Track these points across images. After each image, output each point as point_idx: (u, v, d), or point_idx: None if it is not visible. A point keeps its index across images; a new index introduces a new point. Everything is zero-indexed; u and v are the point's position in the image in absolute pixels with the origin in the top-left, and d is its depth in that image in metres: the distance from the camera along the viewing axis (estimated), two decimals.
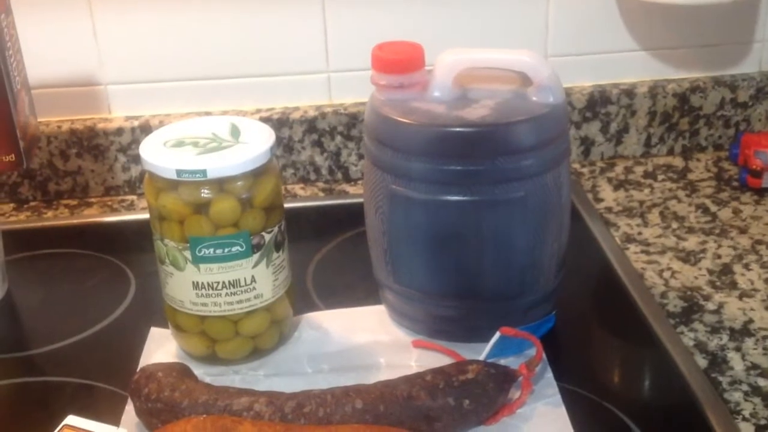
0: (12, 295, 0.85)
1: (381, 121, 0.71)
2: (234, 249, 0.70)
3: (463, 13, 1.01)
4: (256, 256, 0.71)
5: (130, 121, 1.01)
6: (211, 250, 0.69)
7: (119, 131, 1.01)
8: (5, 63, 0.75)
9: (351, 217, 0.94)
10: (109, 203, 1.02)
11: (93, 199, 1.03)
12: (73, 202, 1.02)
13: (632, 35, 1.03)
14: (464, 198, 0.70)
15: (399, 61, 0.72)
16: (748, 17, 1.04)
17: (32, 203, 1.03)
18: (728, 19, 1.03)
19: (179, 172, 0.67)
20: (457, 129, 0.68)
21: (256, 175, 0.70)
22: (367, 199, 0.76)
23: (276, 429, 0.60)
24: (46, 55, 0.97)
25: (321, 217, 0.98)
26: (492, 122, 0.68)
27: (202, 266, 0.70)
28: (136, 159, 1.02)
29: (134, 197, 1.03)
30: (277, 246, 0.73)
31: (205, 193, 0.68)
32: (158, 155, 0.69)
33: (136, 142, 1.01)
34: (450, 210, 0.70)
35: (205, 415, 0.62)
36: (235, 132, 0.72)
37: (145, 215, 0.96)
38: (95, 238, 0.94)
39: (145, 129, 1.01)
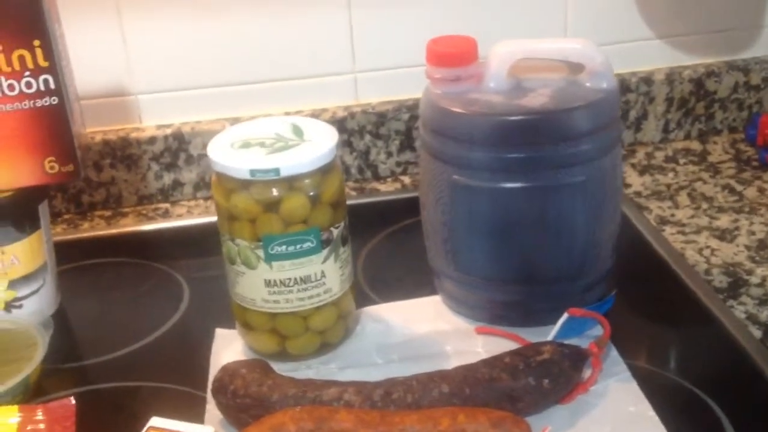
0: (66, 306, 0.85)
1: (441, 114, 0.73)
2: (305, 245, 0.71)
3: (482, 7, 1.03)
4: (325, 251, 0.72)
5: (162, 130, 1.02)
6: (284, 247, 0.71)
7: (152, 140, 1.02)
8: (62, 74, 0.76)
9: (388, 213, 0.97)
10: (144, 212, 1.03)
11: (127, 209, 1.03)
12: (107, 213, 1.03)
13: (648, 24, 1.07)
14: (527, 184, 0.72)
15: (455, 54, 0.74)
16: (757, 2, 1.07)
17: (66, 216, 1.03)
18: (738, 4, 1.07)
19: (253, 172, 0.68)
20: (521, 117, 0.70)
21: (324, 172, 0.71)
22: (425, 191, 0.78)
23: (372, 416, 0.62)
24: (76, 66, 0.96)
25: (358, 216, 0.98)
26: (553, 109, 0.71)
27: (274, 264, 0.71)
28: (169, 167, 1.03)
29: (167, 205, 1.04)
30: (344, 241, 0.74)
31: (276, 192, 0.70)
32: (229, 156, 0.70)
33: (168, 150, 1.02)
34: (513, 197, 0.72)
35: (300, 407, 0.63)
36: (298, 131, 0.73)
37: (186, 221, 0.99)
38: (140, 246, 0.95)
39: (177, 137, 1.02)
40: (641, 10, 1.06)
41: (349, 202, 1.02)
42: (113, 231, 0.98)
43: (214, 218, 0.99)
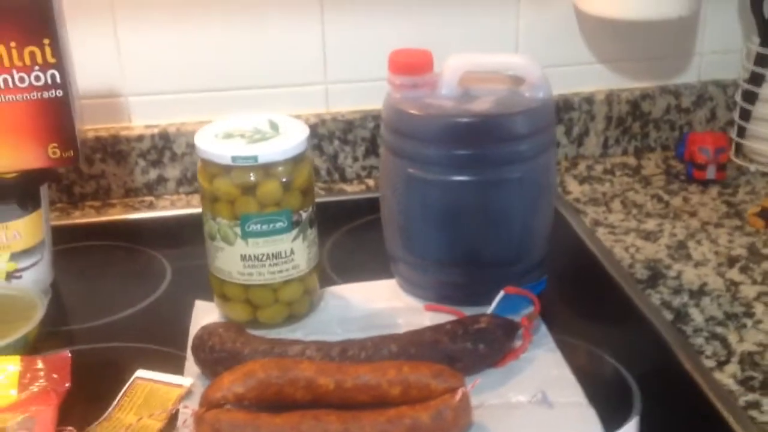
0: (59, 281, 0.95)
1: (400, 116, 0.84)
2: (278, 225, 0.82)
3: (444, 32, 1.14)
4: (295, 231, 0.83)
5: (149, 129, 1.12)
6: (258, 225, 0.81)
7: (140, 138, 1.12)
8: (68, 70, 0.86)
9: (352, 211, 1.07)
10: (130, 204, 1.13)
11: (114, 201, 1.13)
12: (97, 204, 1.13)
13: (590, 50, 1.19)
14: (472, 178, 0.83)
15: (413, 64, 0.85)
16: (688, 33, 1.21)
17: (59, 205, 1.13)
18: (672, 34, 1.20)
19: (234, 158, 0.79)
20: (467, 119, 0.82)
21: (295, 161, 0.82)
22: (384, 183, 0.89)
23: (330, 366, 0.72)
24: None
25: (326, 211, 1.08)
26: (495, 113, 0.82)
27: (250, 240, 0.81)
28: (155, 163, 1.13)
29: (152, 198, 1.14)
30: (311, 224, 0.85)
31: (253, 177, 0.80)
32: (213, 145, 0.81)
33: (155, 147, 1.12)
34: (460, 189, 0.83)
35: (268, 358, 0.73)
36: (274, 126, 0.84)
37: (169, 212, 1.09)
38: (127, 232, 1.05)
39: (164, 136, 1.12)
40: (585, 37, 1.18)
41: (318, 200, 1.12)
42: (103, 218, 1.08)
43: (195, 210, 1.10)
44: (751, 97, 1.15)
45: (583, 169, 1.19)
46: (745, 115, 1.17)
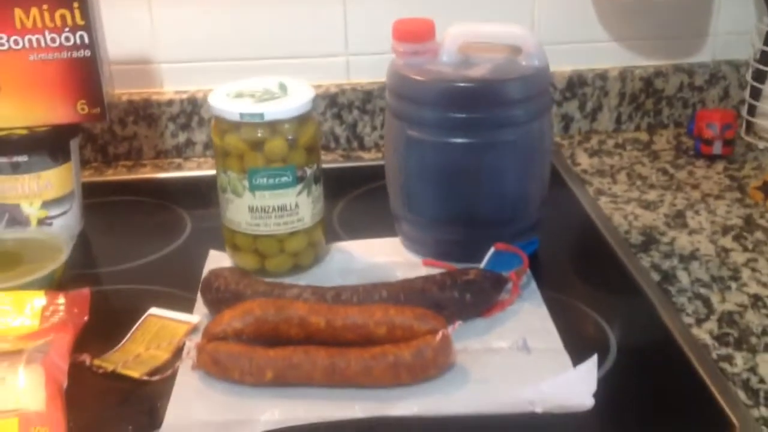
0: (88, 229, 1.02)
1: (401, 80, 0.89)
2: (283, 179, 0.87)
3: (466, 5, 1.19)
4: (299, 186, 0.88)
5: (179, 95, 1.19)
6: (265, 179, 0.87)
7: (170, 103, 1.19)
8: (96, 32, 0.92)
9: (366, 176, 1.12)
10: (160, 165, 1.20)
11: (146, 161, 1.21)
12: (129, 163, 1.20)
13: (605, 28, 1.22)
14: (467, 140, 0.88)
15: (415, 32, 0.90)
16: (703, 14, 1.23)
17: (93, 164, 1.20)
18: (686, 14, 1.23)
19: (242, 115, 0.85)
20: (463, 84, 0.86)
21: (301, 120, 0.87)
22: (387, 145, 0.94)
23: (322, 306, 0.78)
24: (112, 37, 1.14)
25: (343, 176, 1.15)
26: (491, 79, 0.87)
27: (257, 193, 0.87)
28: (184, 127, 1.20)
29: (181, 160, 1.21)
30: (316, 180, 0.90)
31: (261, 134, 0.86)
32: (224, 103, 0.87)
33: (184, 112, 1.19)
34: (456, 150, 0.88)
35: (265, 298, 0.79)
36: (283, 88, 0.89)
37: (195, 173, 1.15)
38: (155, 190, 1.12)
39: (192, 101, 1.19)
40: (599, 16, 1.21)
41: (335, 165, 1.20)
42: (133, 176, 1.16)
43: None
44: (761, 76, 1.18)
45: (595, 143, 1.23)
46: (755, 93, 1.19)
